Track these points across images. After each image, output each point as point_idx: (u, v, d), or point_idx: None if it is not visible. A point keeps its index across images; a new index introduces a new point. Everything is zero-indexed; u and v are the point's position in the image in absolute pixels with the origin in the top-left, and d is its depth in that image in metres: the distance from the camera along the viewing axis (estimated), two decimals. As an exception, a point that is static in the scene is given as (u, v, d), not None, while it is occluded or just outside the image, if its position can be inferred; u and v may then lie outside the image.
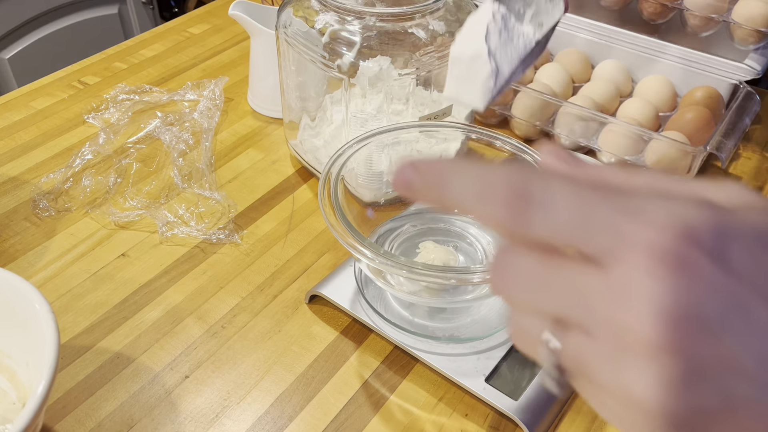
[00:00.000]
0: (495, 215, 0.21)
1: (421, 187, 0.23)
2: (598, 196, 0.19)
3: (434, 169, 0.23)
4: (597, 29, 0.81)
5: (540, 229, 0.20)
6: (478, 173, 0.22)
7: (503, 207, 0.20)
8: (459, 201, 0.22)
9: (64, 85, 0.84)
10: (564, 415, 0.50)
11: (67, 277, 0.59)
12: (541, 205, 0.20)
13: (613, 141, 0.69)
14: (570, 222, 0.20)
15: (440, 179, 0.22)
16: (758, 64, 0.74)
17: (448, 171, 0.22)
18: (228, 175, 0.71)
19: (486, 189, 0.21)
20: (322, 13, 0.59)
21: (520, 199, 0.20)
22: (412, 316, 0.53)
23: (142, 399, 0.50)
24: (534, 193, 0.20)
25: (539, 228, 0.20)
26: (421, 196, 0.23)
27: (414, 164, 0.23)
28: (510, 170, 0.21)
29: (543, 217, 0.20)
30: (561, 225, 0.20)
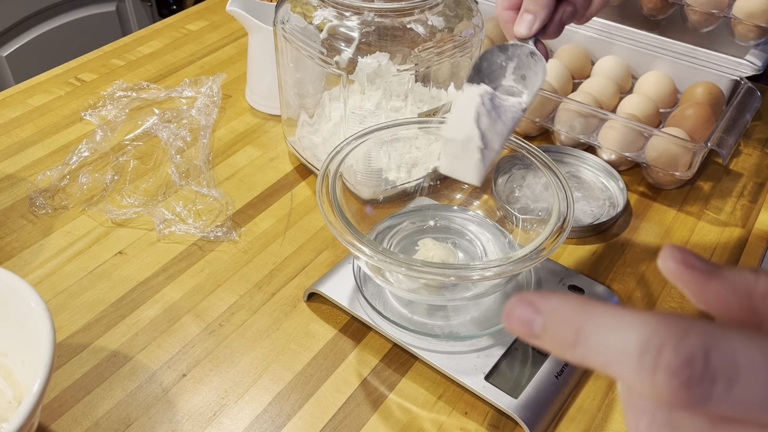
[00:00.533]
0: (661, 389, 0.16)
1: (548, 336, 0.19)
2: None
3: (564, 313, 0.19)
4: (597, 25, 0.81)
5: (723, 408, 0.16)
6: (629, 324, 0.17)
7: (674, 380, 0.16)
8: (604, 363, 0.18)
9: (61, 82, 0.84)
10: (564, 414, 0.49)
11: (64, 275, 0.58)
12: (727, 379, 0.16)
13: (613, 137, 0.69)
14: (764, 399, 0.16)
15: (575, 331, 0.18)
16: (759, 60, 0.73)
17: (583, 317, 0.18)
18: (226, 172, 0.71)
19: (646, 351, 0.17)
20: (320, 9, 0.59)
21: (698, 371, 0.16)
22: (411, 314, 0.53)
23: (139, 398, 0.49)
24: (714, 361, 0.16)
25: (723, 407, 0.16)
26: (549, 347, 0.19)
27: (534, 304, 0.19)
28: (672, 322, 0.17)
29: (729, 395, 0.16)
30: (752, 403, 0.16)
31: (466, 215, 0.57)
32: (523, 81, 0.46)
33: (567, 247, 0.63)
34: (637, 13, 0.80)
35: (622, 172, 0.71)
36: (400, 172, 0.61)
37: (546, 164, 0.53)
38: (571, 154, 0.72)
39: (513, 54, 0.46)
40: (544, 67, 0.46)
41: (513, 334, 0.19)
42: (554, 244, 0.46)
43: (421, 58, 0.58)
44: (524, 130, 0.77)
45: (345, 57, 0.57)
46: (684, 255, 0.20)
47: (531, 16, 0.45)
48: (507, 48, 0.46)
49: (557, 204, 0.50)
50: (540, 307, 0.19)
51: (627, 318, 0.17)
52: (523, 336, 0.19)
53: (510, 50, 0.46)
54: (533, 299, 0.19)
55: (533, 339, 0.19)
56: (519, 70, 0.46)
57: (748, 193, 0.71)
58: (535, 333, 0.19)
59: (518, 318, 0.19)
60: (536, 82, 0.46)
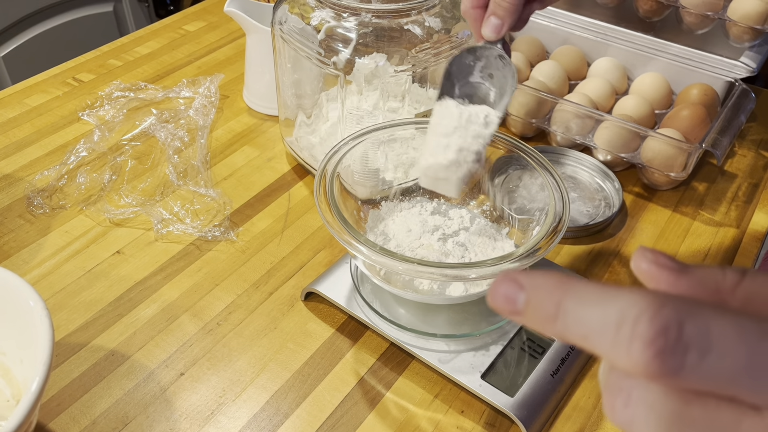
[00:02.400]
0: (636, 359, 0.17)
1: (529, 311, 0.19)
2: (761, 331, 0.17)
3: (546, 287, 0.19)
4: (593, 27, 0.81)
5: (696, 379, 0.17)
6: (607, 298, 0.18)
7: (649, 349, 0.17)
8: (582, 335, 0.18)
9: (59, 82, 0.84)
10: (560, 412, 0.50)
11: (62, 274, 0.59)
12: (699, 350, 0.16)
13: (609, 138, 0.69)
14: (735, 370, 0.16)
15: (555, 304, 0.19)
16: (753, 61, 0.74)
17: (564, 292, 0.19)
18: (223, 172, 0.71)
19: (622, 322, 0.17)
20: (318, 10, 0.59)
21: (671, 341, 0.17)
22: (408, 313, 0.53)
23: (137, 396, 0.49)
24: (688, 332, 0.17)
25: (695, 378, 0.17)
26: (530, 322, 0.19)
27: (517, 280, 0.20)
28: (648, 296, 0.17)
29: (702, 366, 0.16)
30: (723, 374, 0.17)
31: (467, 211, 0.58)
32: (491, 79, 0.48)
33: (563, 247, 0.64)
34: (633, 14, 0.81)
35: (617, 172, 0.72)
36: (397, 172, 0.62)
37: (542, 165, 0.53)
38: (567, 155, 0.73)
39: (481, 55, 0.47)
40: (513, 73, 0.47)
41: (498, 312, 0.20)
42: (550, 244, 0.46)
43: (418, 59, 0.59)
44: (520, 131, 0.77)
45: (342, 58, 0.57)
46: (655, 255, 0.21)
47: (499, 21, 0.45)
48: (475, 50, 0.47)
49: (553, 204, 0.50)
50: (523, 283, 0.19)
51: (606, 293, 0.18)
52: (506, 313, 0.20)
53: (478, 51, 0.47)
54: (517, 276, 0.20)
55: (516, 316, 0.20)
56: (486, 69, 0.48)
57: (742, 193, 0.72)
58: (518, 309, 0.19)
59: (502, 295, 0.20)
60: (506, 85, 0.47)
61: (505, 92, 0.48)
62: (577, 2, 0.83)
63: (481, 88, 0.49)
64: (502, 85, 0.48)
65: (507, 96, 0.48)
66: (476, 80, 0.48)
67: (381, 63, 0.57)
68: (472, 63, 0.48)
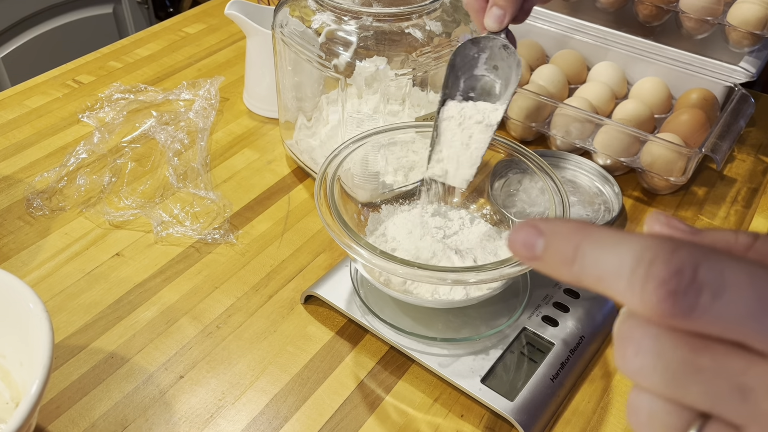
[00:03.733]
0: (649, 299, 0.17)
1: (548, 255, 0.19)
2: None
3: (565, 232, 0.19)
4: (593, 31, 0.81)
5: (708, 321, 0.17)
6: (624, 242, 0.18)
7: (662, 290, 0.17)
8: (598, 277, 0.18)
9: (59, 84, 0.84)
10: (560, 416, 0.50)
11: (61, 276, 0.59)
12: (712, 292, 0.17)
13: (609, 142, 0.69)
14: (746, 314, 0.17)
15: (574, 247, 0.19)
16: (753, 66, 0.74)
17: (583, 237, 0.19)
18: (223, 174, 0.71)
19: (638, 264, 0.17)
20: (319, 13, 0.59)
21: (685, 281, 0.17)
22: (408, 317, 0.53)
23: (136, 399, 0.49)
24: (702, 274, 0.17)
25: (707, 320, 0.17)
26: (548, 267, 0.20)
27: (537, 226, 0.20)
28: (665, 240, 0.18)
29: (714, 308, 0.17)
30: (735, 317, 0.17)
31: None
32: (495, 71, 0.48)
33: (562, 251, 0.64)
34: (633, 19, 0.81)
35: (617, 176, 0.72)
36: (397, 175, 0.62)
37: (542, 169, 0.53)
38: (566, 159, 0.73)
39: (485, 46, 0.47)
40: (518, 62, 0.47)
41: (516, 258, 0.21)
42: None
43: (419, 63, 0.59)
44: (520, 135, 0.77)
45: (343, 61, 0.57)
46: (668, 219, 0.21)
47: (501, 11, 0.45)
48: (479, 41, 0.47)
49: (553, 208, 0.50)
50: (543, 229, 0.20)
51: (624, 237, 0.18)
52: (524, 259, 0.20)
53: (482, 42, 0.47)
54: (536, 222, 0.20)
55: (534, 261, 0.20)
56: (491, 60, 0.48)
57: (741, 198, 0.72)
58: (536, 255, 0.20)
59: (521, 241, 0.20)
60: (510, 75, 0.47)
61: (510, 82, 0.48)
62: (577, 6, 0.83)
63: (486, 81, 0.49)
64: (507, 76, 0.48)
65: (512, 86, 0.48)
66: (481, 73, 0.48)
67: (381, 66, 0.57)
68: (476, 55, 0.48)
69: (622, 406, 0.51)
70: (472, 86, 0.49)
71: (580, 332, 0.53)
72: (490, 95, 0.50)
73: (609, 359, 0.54)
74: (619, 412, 0.50)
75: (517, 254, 0.20)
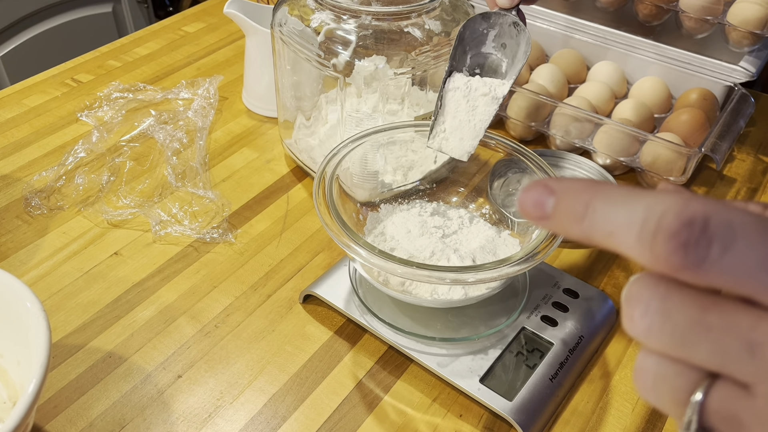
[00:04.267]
0: (659, 251, 0.17)
1: (558, 213, 0.19)
2: None
3: (576, 190, 0.19)
4: (592, 30, 0.81)
5: (717, 273, 0.17)
6: (635, 196, 0.18)
7: (672, 242, 0.17)
8: (610, 232, 0.18)
9: (58, 82, 0.83)
10: (558, 416, 0.50)
11: (59, 275, 0.58)
12: (722, 244, 0.17)
13: (608, 142, 0.69)
14: (756, 267, 0.16)
15: (584, 204, 0.19)
16: (753, 66, 0.74)
17: (594, 193, 0.19)
18: (222, 174, 0.71)
19: (649, 217, 0.17)
20: (318, 12, 0.59)
21: (696, 233, 0.17)
22: (407, 317, 0.53)
23: (134, 399, 0.49)
24: (713, 227, 0.17)
25: (717, 272, 0.17)
26: (558, 226, 0.20)
27: (548, 185, 0.20)
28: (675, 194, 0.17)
29: (724, 259, 0.17)
30: (745, 270, 0.17)
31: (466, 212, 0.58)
32: (503, 49, 0.48)
33: (561, 251, 0.64)
34: (633, 18, 0.81)
35: (616, 176, 0.72)
36: (396, 174, 0.62)
37: (542, 168, 0.53)
38: (566, 159, 0.73)
39: (495, 22, 0.47)
40: (527, 39, 0.47)
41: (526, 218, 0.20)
42: (549, 247, 0.46)
43: (418, 62, 0.59)
44: (520, 135, 0.77)
45: (342, 60, 0.57)
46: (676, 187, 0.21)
47: None
48: (490, 16, 0.47)
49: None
50: (554, 188, 0.20)
51: (635, 192, 0.18)
52: (534, 219, 0.20)
53: (492, 18, 0.47)
54: (547, 182, 0.20)
55: (544, 221, 0.20)
56: (500, 38, 0.47)
57: (741, 198, 0.72)
58: (546, 214, 0.19)
59: (532, 200, 0.20)
60: (518, 53, 0.47)
61: (518, 60, 0.47)
62: (576, 6, 0.83)
63: (493, 59, 0.48)
64: (515, 53, 0.47)
65: (520, 62, 0.47)
66: (488, 51, 0.48)
67: (380, 65, 0.57)
68: (485, 31, 0.47)
69: (622, 406, 0.50)
70: (479, 63, 0.49)
71: (579, 332, 0.53)
72: (496, 73, 0.49)
73: (608, 359, 0.54)
74: (618, 412, 0.50)
75: (527, 214, 0.20)
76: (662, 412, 0.19)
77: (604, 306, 0.56)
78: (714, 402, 0.18)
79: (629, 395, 0.51)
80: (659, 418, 0.50)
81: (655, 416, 0.50)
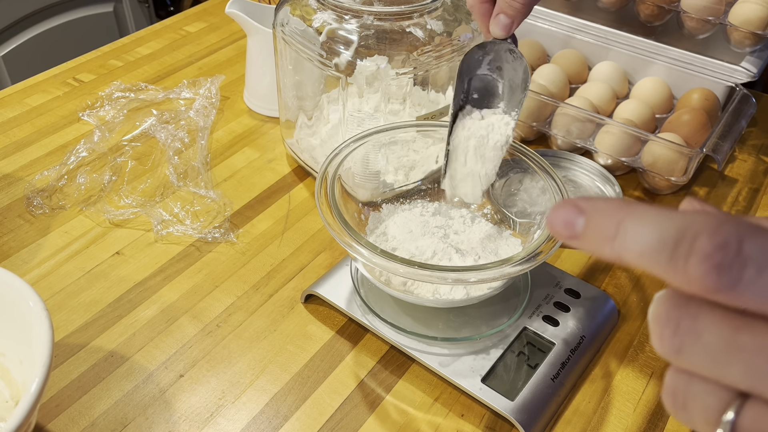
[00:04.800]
0: (693, 273, 0.17)
1: (588, 233, 0.19)
2: None
3: (606, 210, 0.19)
4: (594, 30, 0.81)
5: (752, 295, 0.17)
6: (667, 217, 0.18)
7: (707, 263, 0.17)
8: (640, 252, 0.18)
9: (59, 82, 0.84)
10: (560, 416, 0.50)
11: (61, 275, 0.58)
12: (757, 266, 0.17)
13: (610, 142, 0.69)
14: None
15: (615, 224, 0.19)
16: (754, 66, 0.74)
17: (625, 213, 0.19)
18: (224, 173, 0.71)
19: (682, 238, 0.17)
20: (320, 12, 0.59)
21: (730, 255, 0.17)
22: (408, 316, 0.53)
23: (136, 398, 0.49)
24: (747, 249, 0.17)
25: (751, 294, 0.17)
26: (588, 245, 0.20)
27: (578, 205, 0.20)
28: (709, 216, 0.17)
29: (758, 282, 0.17)
30: None
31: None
32: (499, 71, 0.48)
33: (563, 251, 0.64)
34: (634, 19, 0.81)
35: (618, 176, 0.72)
36: (397, 174, 0.62)
37: (543, 168, 0.53)
38: (567, 159, 0.73)
39: (490, 50, 0.48)
40: (525, 68, 0.47)
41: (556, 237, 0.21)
42: (551, 247, 0.46)
43: (420, 62, 0.59)
44: (522, 135, 0.77)
45: (344, 60, 0.57)
46: (702, 204, 0.22)
47: (508, 20, 0.45)
48: (485, 45, 0.48)
49: (554, 208, 0.50)
50: (584, 207, 0.20)
51: (667, 213, 0.18)
52: (564, 237, 0.20)
53: (488, 46, 0.48)
54: (576, 201, 0.20)
55: (573, 240, 0.20)
56: (495, 62, 0.48)
57: (743, 198, 0.72)
58: (576, 233, 0.20)
59: (561, 221, 0.20)
60: (516, 79, 0.47)
61: (517, 87, 0.48)
62: (578, 6, 0.83)
63: (489, 80, 0.49)
64: (511, 78, 0.48)
65: (519, 92, 0.48)
66: (484, 72, 0.48)
67: (382, 65, 0.57)
68: (480, 58, 0.48)
69: (623, 406, 0.50)
70: (476, 86, 0.49)
71: (580, 332, 0.53)
72: (493, 96, 0.50)
73: (609, 359, 0.54)
74: (620, 412, 0.50)
75: (557, 233, 0.20)
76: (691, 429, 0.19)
77: (606, 306, 0.56)
78: (746, 421, 0.18)
79: (631, 395, 0.51)
80: (661, 418, 0.50)
81: (656, 416, 0.50)
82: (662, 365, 0.54)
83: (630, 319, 0.57)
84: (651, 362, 0.54)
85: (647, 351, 0.55)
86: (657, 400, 0.51)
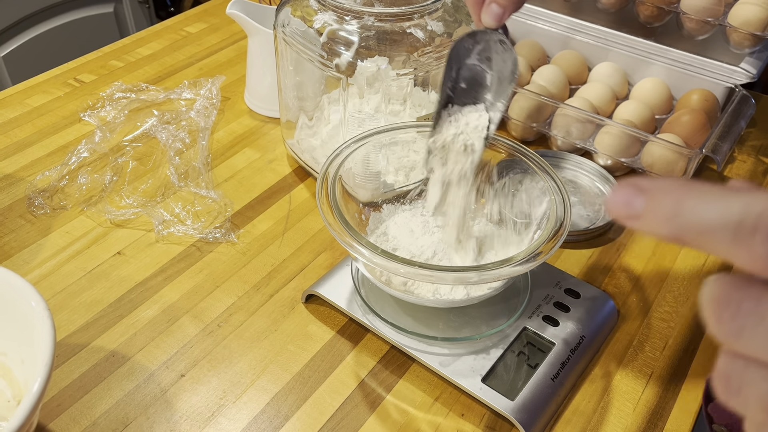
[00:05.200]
0: (758, 250, 0.17)
1: (649, 212, 0.19)
2: None
3: (666, 189, 0.19)
4: (594, 31, 0.82)
5: None
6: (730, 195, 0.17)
7: None
8: (702, 230, 0.18)
9: (60, 82, 0.84)
10: (560, 416, 0.50)
11: (63, 275, 0.59)
12: None
13: (609, 143, 0.70)
14: None
15: (676, 202, 0.18)
16: (754, 67, 0.74)
17: (685, 191, 0.18)
18: (224, 174, 0.71)
19: (746, 215, 0.17)
20: (321, 13, 0.59)
21: None
22: (409, 316, 0.53)
23: (137, 398, 0.49)
24: None
25: None
26: (648, 225, 0.19)
27: (638, 185, 0.19)
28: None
29: None
30: None
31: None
32: (488, 62, 0.48)
33: (563, 251, 0.64)
34: (634, 20, 0.81)
35: (618, 177, 0.72)
36: (398, 175, 0.62)
37: (543, 169, 0.53)
38: (567, 159, 0.73)
39: (481, 39, 0.47)
40: (515, 60, 0.47)
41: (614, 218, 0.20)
42: (551, 248, 0.47)
43: (420, 63, 0.59)
44: (521, 135, 0.77)
45: (344, 60, 0.58)
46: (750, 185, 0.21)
47: (500, 9, 0.44)
48: (476, 34, 0.47)
49: (554, 208, 0.50)
50: (643, 186, 0.19)
51: (728, 191, 0.18)
52: (623, 218, 0.20)
53: (478, 36, 0.47)
54: (636, 181, 0.20)
55: (633, 220, 0.19)
56: (485, 52, 0.48)
57: (742, 199, 0.72)
58: (636, 213, 0.19)
59: (622, 200, 0.19)
60: (505, 71, 0.47)
61: (504, 79, 0.48)
62: (578, 7, 0.83)
63: (478, 70, 0.49)
64: (500, 70, 0.48)
65: (506, 84, 0.48)
66: (473, 62, 0.48)
67: (383, 66, 0.57)
68: (470, 47, 0.47)
69: (623, 406, 0.51)
70: (464, 76, 0.49)
71: (580, 332, 0.53)
72: (481, 86, 0.49)
73: (609, 359, 0.54)
74: (620, 411, 0.50)
75: (616, 215, 0.20)
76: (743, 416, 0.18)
77: (606, 306, 0.56)
78: None
79: (630, 395, 0.51)
80: (660, 417, 0.50)
81: (656, 416, 0.50)
82: (662, 365, 0.54)
83: (630, 319, 0.57)
84: (650, 362, 0.54)
85: (647, 351, 0.55)
86: (657, 399, 0.51)
